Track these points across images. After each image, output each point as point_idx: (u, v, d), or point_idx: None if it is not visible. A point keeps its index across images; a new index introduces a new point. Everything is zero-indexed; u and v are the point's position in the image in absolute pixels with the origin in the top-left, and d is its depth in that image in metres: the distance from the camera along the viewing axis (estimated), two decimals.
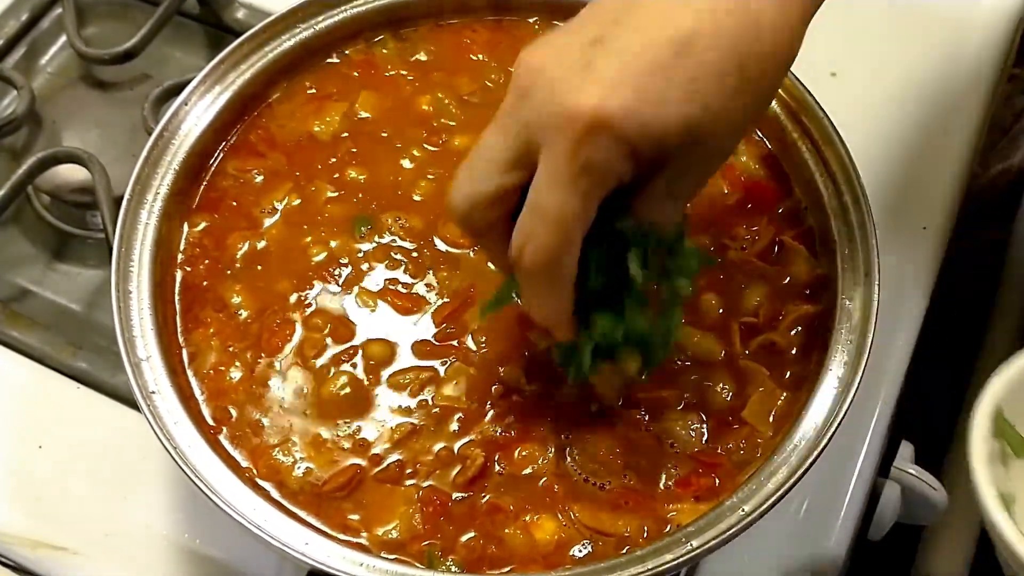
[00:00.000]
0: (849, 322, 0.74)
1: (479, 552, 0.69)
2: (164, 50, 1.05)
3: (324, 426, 0.73)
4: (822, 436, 0.69)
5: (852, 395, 0.70)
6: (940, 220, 0.96)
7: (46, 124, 1.01)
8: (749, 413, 0.73)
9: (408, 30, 0.89)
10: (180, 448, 0.69)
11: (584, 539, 0.70)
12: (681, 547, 0.66)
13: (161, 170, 0.79)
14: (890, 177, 0.97)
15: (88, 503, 0.84)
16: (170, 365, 0.73)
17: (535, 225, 0.60)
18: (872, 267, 0.75)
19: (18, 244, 0.98)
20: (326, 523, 0.70)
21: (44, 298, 0.95)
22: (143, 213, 0.78)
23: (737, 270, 0.79)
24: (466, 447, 0.72)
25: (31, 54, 1.07)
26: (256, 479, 0.71)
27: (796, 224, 0.81)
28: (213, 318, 0.77)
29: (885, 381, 0.89)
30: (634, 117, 0.58)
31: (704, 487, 0.71)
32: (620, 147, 0.59)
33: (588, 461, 0.72)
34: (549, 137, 0.59)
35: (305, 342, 0.76)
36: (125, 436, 0.86)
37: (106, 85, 1.04)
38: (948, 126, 1.01)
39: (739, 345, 0.76)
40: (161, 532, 0.83)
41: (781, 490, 0.67)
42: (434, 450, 0.72)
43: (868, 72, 1.04)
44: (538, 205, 0.60)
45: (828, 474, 0.85)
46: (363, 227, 0.80)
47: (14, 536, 0.83)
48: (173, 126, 0.81)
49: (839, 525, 0.84)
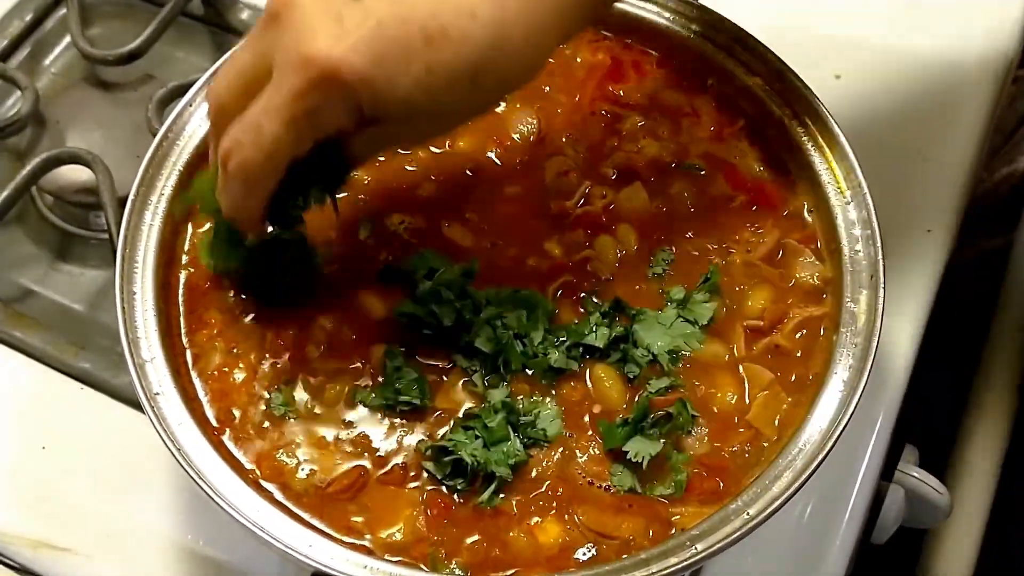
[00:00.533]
0: (854, 325, 0.74)
1: (483, 555, 0.69)
2: (168, 51, 1.06)
3: (328, 428, 0.73)
4: (827, 440, 0.69)
5: (857, 399, 0.70)
6: (944, 223, 0.96)
7: (50, 125, 1.01)
8: (754, 416, 0.73)
9: None
10: (184, 450, 0.69)
11: (588, 542, 0.69)
12: (686, 551, 0.66)
13: (166, 171, 0.79)
14: (894, 179, 0.97)
15: (90, 504, 0.84)
16: (174, 366, 0.73)
17: (246, 139, 0.64)
18: (877, 270, 0.75)
19: (21, 244, 0.98)
20: (330, 525, 0.70)
21: (47, 298, 0.95)
22: (147, 214, 0.77)
23: (741, 273, 0.79)
24: None
25: (35, 54, 1.07)
26: (260, 481, 0.71)
27: (801, 227, 0.80)
28: (217, 319, 0.77)
29: (889, 384, 0.89)
30: (367, 83, 0.61)
31: (708, 490, 0.71)
32: (346, 104, 0.62)
33: (592, 464, 0.72)
34: (283, 71, 0.62)
35: (308, 343, 0.76)
36: (128, 437, 0.86)
37: (110, 86, 1.04)
38: (952, 128, 1.01)
39: (744, 348, 0.76)
40: (163, 533, 0.83)
41: (786, 494, 0.67)
42: None
43: (872, 74, 1.04)
44: (254, 124, 0.63)
45: (832, 477, 0.85)
46: (367, 227, 0.80)
47: (16, 536, 0.83)
48: (177, 127, 0.80)
49: (843, 529, 0.84)
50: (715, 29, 0.85)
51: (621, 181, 0.82)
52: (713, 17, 0.85)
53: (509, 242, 0.80)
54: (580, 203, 0.81)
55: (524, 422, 0.72)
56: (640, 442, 0.70)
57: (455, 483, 0.70)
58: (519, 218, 0.81)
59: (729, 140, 0.84)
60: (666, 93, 0.86)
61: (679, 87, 0.86)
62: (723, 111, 0.85)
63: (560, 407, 0.73)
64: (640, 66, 0.87)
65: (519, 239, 0.80)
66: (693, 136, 0.84)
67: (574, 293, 0.77)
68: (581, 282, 0.78)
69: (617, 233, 0.80)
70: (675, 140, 0.84)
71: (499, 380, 0.74)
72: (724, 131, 0.84)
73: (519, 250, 0.79)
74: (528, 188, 0.82)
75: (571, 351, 0.75)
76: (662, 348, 0.74)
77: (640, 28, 0.87)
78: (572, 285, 0.78)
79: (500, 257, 0.79)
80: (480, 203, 0.81)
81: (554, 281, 0.77)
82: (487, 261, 0.78)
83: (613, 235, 0.80)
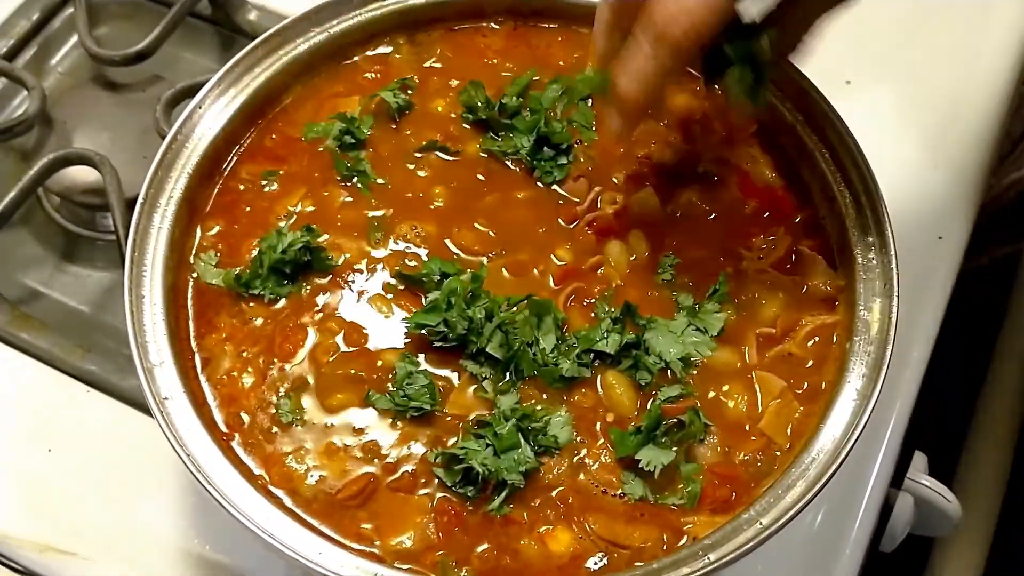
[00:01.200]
0: (867, 333, 0.73)
1: (493, 563, 0.69)
2: (176, 52, 1.05)
3: (338, 434, 0.73)
4: (840, 449, 0.69)
5: (871, 408, 0.70)
6: (956, 230, 0.95)
7: (57, 125, 1.00)
8: (766, 424, 0.73)
9: (423, 35, 0.88)
10: (193, 455, 0.69)
11: (599, 551, 0.69)
12: (698, 560, 0.66)
13: (175, 173, 0.79)
14: (904, 186, 0.96)
15: (96, 507, 0.84)
16: (183, 370, 0.73)
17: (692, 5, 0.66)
18: (891, 277, 0.74)
19: (28, 245, 0.97)
20: (339, 532, 0.69)
21: (53, 299, 0.95)
22: (156, 217, 0.77)
23: (753, 280, 0.78)
24: None
25: (42, 54, 1.06)
26: (269, 487, 0.71)
27: (814, 234, 0.80)
28: (227, 323, 0.76)
29: (900, 392, 0.89)
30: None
31: (720, 499, 0.70)
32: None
33: (603, 472, 0.71)
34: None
35: (318, 347, 0.76)
36: (134, 439, 0.86)
37: (117, 86, 1.03)
38: (963, 134, 1.00)
39: (756, 356, 0.76)
40: (169, 538, 0.82)
41: (799, 504, 0.67)
42: None
43: (882, 80, 1.03)
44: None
45: (843, 485, 0.84)
46: (377, 233, 0.80)
47: (22, 539, 0.82)
48: (187, 129, 0.80)
49: (853, 536, 0.84)
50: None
51: (632, 186, 0.82)
52: None
53: (519, 248, 0.79)
54: (591, 208, 0.81)
55: (535, 428, 0.71)
56: (652, 451, 0.70)
57: (466, 490, 0.70)
58: (529, 223, 0.80)
59: (741, 146, 0.83)
60: (678, 99, 0.85)
61: (691, 93, 0.85)
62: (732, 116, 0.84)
63: (571, 414, 0.73)
64: None
65: (529, 244, 0.79)
66: (705, 142, 0.84)
67: (585, 299, 0.77)
68: (592, 288, 0.77)
69: (628, 239, 0.79)
70: (687, 146, 0.83)
71: (510, 386, 0.73)
72: (736, 137, 0.84)
73: (529, 256, 0.79)
74: (538, 193, 0.82)
75: (582, 358, 0.74)
76: (674, 355, 0.74)
77: None
78: (583, 291, 0.77)
79: (510, 262, 0.78)
80: (490, 208, 0.81)
81: (565, 287, 0.77)
82: (497, 266, 0.78)
83: (624, 241, 0.79)
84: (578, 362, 0.74)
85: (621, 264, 0.79)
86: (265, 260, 0.77)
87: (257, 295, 0.77)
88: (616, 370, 0.74)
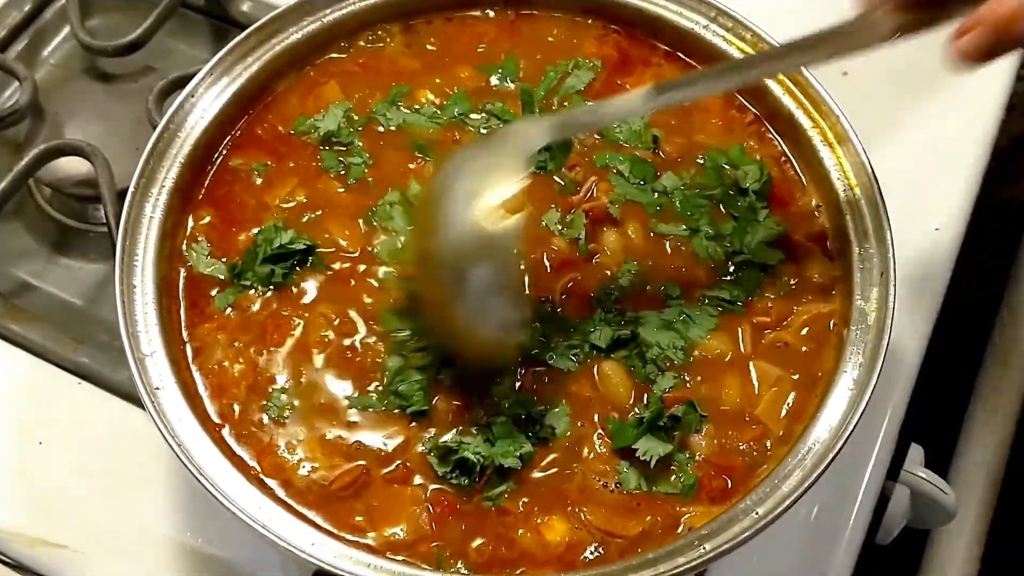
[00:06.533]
0: (864, 323, 0.73)
1: (489, 554, 0.68)
2: (168, 42, 1.04)
3: (331, 425, 0.72)
4: (837, 439, 0.69)
5: (868, 398, 0.69)
6: (953, 220, 0.95)
7: (48, 116, 1.00)
8: (762, 412, 0.72)
9: (417, 23, 0.88)
10: (185, 446, 0.68)
11: (595, 541, 0.69)
12: (694, 550, 0.65)
13: (166, 163, 0.78)
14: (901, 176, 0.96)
15: (88, 500, 0.83)
16: (174, 360, 0.72)
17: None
18: (888, 267, 0.74)
19: (19, 237, 0.96)
20: (333, 523, 0.69)
21: (45, 292, 0.94)
22: (147, 207, 0.76)
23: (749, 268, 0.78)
24: None
25: (34, 45, 1.06)
26: (261, 477, 0.70)
27: (809, 223, 0.80)
28: (219, 313, 0.76)
29: (897, 382, 0.88)
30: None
31: (717, 489, 0.70)
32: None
33: (599, 462, 0.71)
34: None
35: (310, 338, 0.75)
36: (126, 432, 0.85)
37: (109, 77, 1.02)
38: (961, 125, 1.00)
39: (751, 344, 0.75)
40: (162, 530, 0.82)
41: (796, 493, 0.67)
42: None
43: (879, 71, 1.03)
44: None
45: (839, 477, 0.84)
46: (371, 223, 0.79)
47: (13, 533, 0.82)
48: (179, 119, 0.79)
49: (849, 528, 0.83)
50: (725, 24, 0.84)
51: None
52: (721, 12, 0.84)
53: None
54: (587, 197, 0.80)
55: (531, 418, 0.71)
56: (650, 441, 0.70)
57: (460, 481, 0.69)
58: None
59: (738, 135, 0.83)
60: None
61: None
62: (732, 106, 0.84)
63: (568, 404, 0.72)
64: (648, 60, 0.86)
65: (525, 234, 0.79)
66: (703, 131, 0.83)
67: (581, 290, 0.77)
68: (588, 278, 0.77)
69: (625, 228, 0.79)
70: (684, 134, 0.83)
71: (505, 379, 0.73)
72: (733, 126, 0.83)
73: (526, 245, 0.78)
74: (535, 182, 0.81)
75: (576, 349, 0.74)
76: (670, 343, 0.73)
77: (648, 22, 0.86)
78: (579, 282, 0.77)
79: None
80: None
81: (561, 277, 0.76)
82: None
83: (621, 230, 0.79)
84: (570, 356, 0.74)
85: (617, 253, 0.78)
86: (259, 252, 0.76)
87: (249, 286, 0.76)
88: (612, 360, 0.74)
